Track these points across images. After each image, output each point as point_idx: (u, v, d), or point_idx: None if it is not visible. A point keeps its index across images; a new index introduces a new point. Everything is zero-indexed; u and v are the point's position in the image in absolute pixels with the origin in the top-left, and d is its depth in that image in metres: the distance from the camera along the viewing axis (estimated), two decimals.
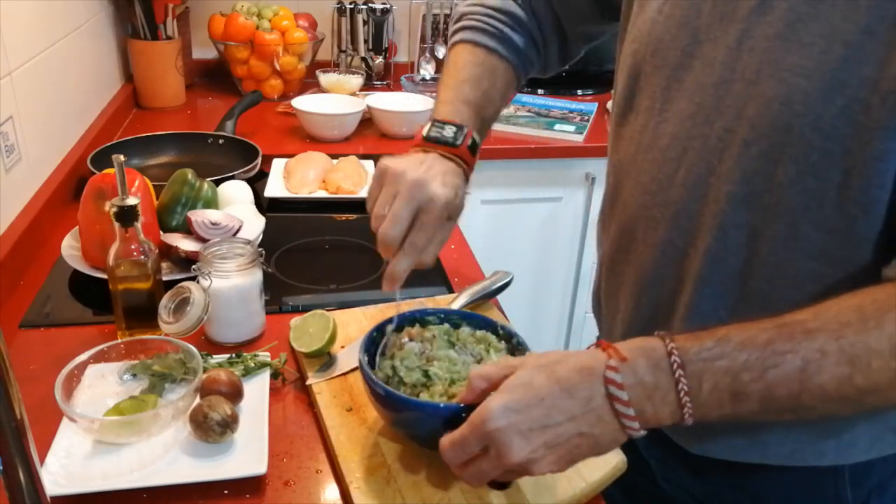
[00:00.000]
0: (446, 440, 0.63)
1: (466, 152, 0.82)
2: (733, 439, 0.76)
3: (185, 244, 1.06)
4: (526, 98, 2.07)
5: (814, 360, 0.56)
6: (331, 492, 0.74)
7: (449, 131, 0.82)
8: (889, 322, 0.56)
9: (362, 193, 1.43)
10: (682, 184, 0.71)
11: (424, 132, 0.83)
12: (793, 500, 0.78)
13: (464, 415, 0.66)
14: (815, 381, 0.56)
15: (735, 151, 0.67)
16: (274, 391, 0.86)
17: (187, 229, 1.10)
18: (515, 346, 0.79)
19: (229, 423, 0.75)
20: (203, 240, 1.05)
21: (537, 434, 0.58)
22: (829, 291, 0.62)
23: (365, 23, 2.15)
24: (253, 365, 0.87)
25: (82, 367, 0.79)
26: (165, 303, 0.90)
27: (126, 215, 0.86)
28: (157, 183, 1.15)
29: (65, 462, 0.73)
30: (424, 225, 0.75)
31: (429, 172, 0.76)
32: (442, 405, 0.69)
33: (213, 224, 1.09)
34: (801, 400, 0.57)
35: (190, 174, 1.18)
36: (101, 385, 0.81)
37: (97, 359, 0.81)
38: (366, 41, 2.18)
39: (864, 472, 0.75)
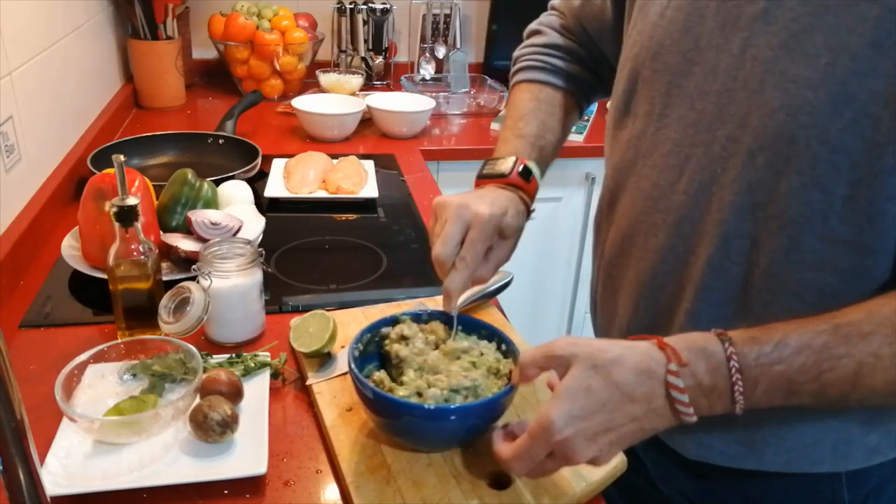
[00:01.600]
0: (508, 451, 0.64)
1: (518, 178, 0.87)
2: (729, 447, 0.76)
3: (185, 244, 1.06)
4: None
5: (867, 364, 0.58)
6: (331, 492, 0.74)
7: (500, 165, 0.87)
8: None
9: (362, 193, 1.43)
10: (684, 191, 0.71)
11: (478, 171, 0.88)
12: (790, 503, 0.78)
13: (452, 417, 0.69)
14: (866, 383, 0.58)
15: (739, 161, 0.66)
16: (274, 391, 0.86)
17: (187, 229, 1.09)
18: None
19: (229, 423, 0.75)
20: (203, 240, 1.05)
21: (602, 436, 0.61)
22: (830, 302, 0.62)
23: (365, 23, 2.16)
24: (253, 365, 0.87)
25: (82, 367, 0.79)
26: (165, 303, 0.90)
27: (126, 215, 0.86)
28: (157, 183, 1.15)
29: (65, 462, 0.73)
30: (472, 241, 0.78)
31: (474, 196, 0.81)
32: (432, 406, 0.70)
33: (213, 224, 1.09)
34: (849, 397, 0.60)
35: (190, 174, 1.18)
36: (101, 385, 0.81)
37: (97, 359, 0.81)
38: (366, 41, 2.18)
39: (862, 475, 0.75)
